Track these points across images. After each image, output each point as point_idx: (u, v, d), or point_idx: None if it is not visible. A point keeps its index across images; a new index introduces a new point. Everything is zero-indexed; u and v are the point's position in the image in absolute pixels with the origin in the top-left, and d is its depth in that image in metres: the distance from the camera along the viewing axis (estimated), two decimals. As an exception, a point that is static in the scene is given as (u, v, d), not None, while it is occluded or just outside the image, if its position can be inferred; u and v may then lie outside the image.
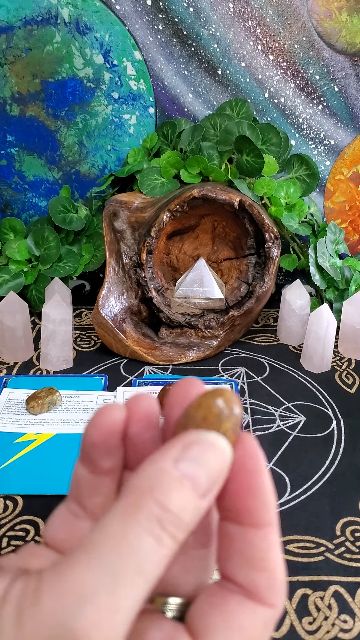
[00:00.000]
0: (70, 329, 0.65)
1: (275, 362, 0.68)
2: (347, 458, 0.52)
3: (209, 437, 0.19)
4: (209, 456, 0.19)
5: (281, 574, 0.20)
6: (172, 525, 0.17)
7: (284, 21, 0.75)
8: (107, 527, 0.17)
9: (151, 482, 0.18)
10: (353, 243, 0.89)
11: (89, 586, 0.16)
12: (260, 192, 0.71)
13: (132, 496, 0.18)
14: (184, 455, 0.18)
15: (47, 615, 0.15)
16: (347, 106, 0.80)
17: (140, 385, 0.62)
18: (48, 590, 0.16)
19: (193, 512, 0.18)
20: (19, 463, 0.50)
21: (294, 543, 0.43)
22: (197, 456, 0.18)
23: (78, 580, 0.16)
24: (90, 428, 0.21)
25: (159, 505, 0.17)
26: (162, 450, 0.19)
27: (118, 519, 0.17)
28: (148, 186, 0.71)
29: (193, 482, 0.18)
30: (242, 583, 0.20)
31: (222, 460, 0.19)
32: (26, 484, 0.48)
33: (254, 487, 0.20)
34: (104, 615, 0.15)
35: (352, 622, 0.37)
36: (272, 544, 0.20)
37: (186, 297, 0.69)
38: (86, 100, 0.78)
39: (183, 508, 0.18)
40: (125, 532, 0.17)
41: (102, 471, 0.22)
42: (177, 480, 0.18)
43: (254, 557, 0.20)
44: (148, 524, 0.17)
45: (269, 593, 0.20)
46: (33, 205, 0.84)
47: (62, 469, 0.49)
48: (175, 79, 0.78)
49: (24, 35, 0.75)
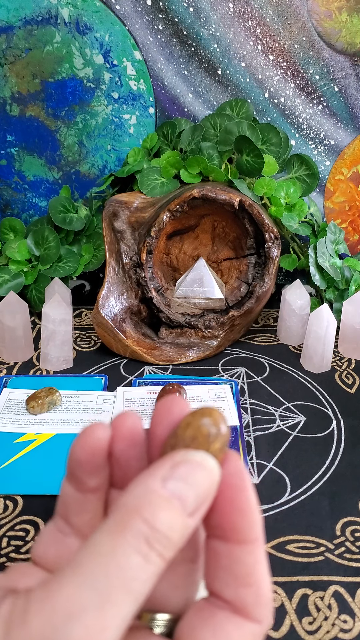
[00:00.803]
0: (70, 329, 0.65)
1: (275, 362, 0.68)
2: (347, 458, 0.52)
3: (197, 457, 0.19)
4: (197, 475, 0.19)
5: (267, 590, 0.20)
6: (160, 544, 0.17)
7: (284, 21, 0.75)
8: (94, 545, 0.17)
9: (139, 501, 0.18)
10: (353, 243, 0.89)
11: (77, 605, 0.16)
12: (260, 192, 0.71)
13: (120, 515, 0.18)
14: (173, 475, 0.19)
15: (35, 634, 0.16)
16: (347, 106, 0.80)
17: (140, 385, 0.62)
18: (36, 610, 0.16)
19: (181, 531, 0.18)
20: (19, 463, 0.50)
21: (294, 543, 0.43)
22: (186, 475, 0.19)
23: (66, 599, 0.16)
24: (75, 447, 0.21)
25: (146, 524, 0.17)
26: (151, 469, 0.19)
27: (106, 537, 0.17)
28: (148, 186, 0.71)
29: (181, 501, 0.18)
30: (229, 599, 0.20)
31: (210, 479, 0.19)
32: (26, 484, 0.48)
33: (239, 504, 0.20)
34: (91, 634, 0.16)
35: (352, 622, 0.37)
36: (258, 560, 0.20)
37: (186, 297, 0.69)
38: (86, 100, 0.78)
39: (170, 527, 0.18)
40: (113, 551, 0.17)
41: (88, 489, 0.22)
42: (165, 500, 0.18)
43: (241, 573, 0.20)
44: (136, 543, 0.17)
45: (255, 609, 0.20)
46: (33, 205, 0.84)
47: (62, 469, 0.49)
48: (175, 79, 0.78)
49: (24, 35, 0.75)
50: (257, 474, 0.50)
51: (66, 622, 0.16)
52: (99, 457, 0.21)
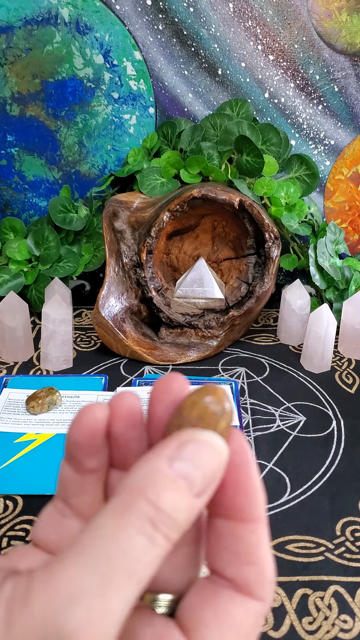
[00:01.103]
0: (70, 329, 0.65)
1: (275, 362, 0.68)
2: (347, 458, 0.52)
3: (204, 436, 0.19)
4: (205, 455, 0.18)
5: (270, 568, 0.20)
6: (165, 526, 0.17)
7: (284, 21, 0.75)
8: (98, 527, 0.17)
9: (144, 482, 0.18)
10: (353, 243, 0.89)
11: (79, 587, 0.16)
12: (260, 192, 0.71)
13: (124, 496, 0.18)
14: (179, 454, 0.18)
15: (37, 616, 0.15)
16: (347, 106, 0.80)
17: (140, 385, 0.62)
18: (38, 591, 0.16)
19: (187, 512, 0.18)
20: (19, 463, 0.50)
21: (294, 543, 0.43)
22: (193, 455, 0.18)
23: (68, 581, 0.16)
24: (72, 428, 0.21)
25: (151, 506, 0.17)
26: (157, 449, 0.19)
27: (109, 519, 0.17)
28: (148, 186, 0.71)
29: (188, 482, 0.18)
30: (232, 578, 0.20)
31: (218, 459, 0.19)
32: (26, 484, 0.48)
33: (243, 483, 0.20)
34: (93, 616, 0.16)
35: (352, 622, 0.37)
36: (261, 539, 0.20)
37: (186, 297, 0.69)
38: (86, 100, 0.78)
39: (176, 508, 0.17)
40: (117, 532, 0.17)
41: (87, 470, 0.22)
42: (171, 480, 0.18)
43: (243, 552, 0.20)
44: (140, 524, 0.17)
45: (258, 587, 0.20)
46: (33, 205, 0.84)
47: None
48: (175, 79, 0.78)
49: (24, 35, 0.75)
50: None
51: (68, 605, 0.16)
52: (97, 437, 0.21)
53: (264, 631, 0.37)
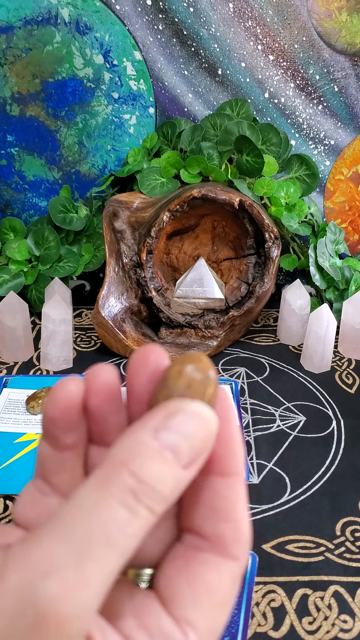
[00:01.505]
0: (70, 329, 0.65)
1: (275, 362, 0.68)
2: (347, 458, 0.52)
3: (193, 406, 0.18)
4: (193, 426, 0.18)
5: (246, 527, 0.20)
6: (148, 498, 0.17)
7: (284, 21, 0.75)
8: (77, 499, 0.17)
9: (127, 454, 0.17)
10: (353, 243, 0.89)
11: (55, 560, 0.16)
12: (260, 192, 0.71)
13: (105, 468, 0.17)
14: (166, 425, 0.18)
15: (13, 590, 0.15)
16: (347, 106, 0.80)
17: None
18: (14, 565, 0.16)
19: (173, 484, 0.18)
20: (19, 463, 0.50)
21: (294, 543, 0.43)
22: (181, 426, 0.18)
23: (43, 554, 0.16)
24: (48, 404, 0.20)
25: (133, 477, 0.17)
26: (142, 420, 0.18)
27: (90, 491, 0.17)
28: (148, 186, 0.71)
29: (175, 453, 0.18)
30: (208, 534, 0.20)
31: (207, 429, 0.19)
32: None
33: (223, 435, 0.20)
34: (70, 589, 0.15)
35: (352, 622, 0.37)
36: (239, 495, 0.20)
37: (186, 297, 0.69)
38: (86, 100, 0.78)
39: (160, 479, 0.17)
40: (97, 504, 0.16)
41: (65, 447, 0.21)
42: (156, 451, 0.17)
43: (221, 508, 0.20)
44: (121, 495, 0.16)
45: (234, 545, 0.19)
46: (33, 205, 0.84)
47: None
48: (175, 79, 0.78)
49: (24, 35, 0.75)
50: (257, 474, 0.50)
51: (43, 578, 0.15)
52: (73, 413, 0.20)
53: (263, 631, 0.37)
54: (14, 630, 0.15)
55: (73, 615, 0.15)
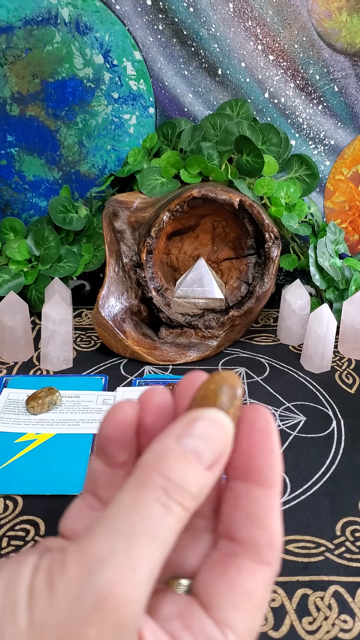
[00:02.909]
0: (70, 329, 0.65)
1: (275, 362, 0.68)
2: (347, 458, 0.52)
3: (208, 413, 0.21)
4: (210, 431, 0.20)
5: (279, 535, 0.22)
6: (178, 495, 0.19)
7: (284, 21, 0.75)
8: (119, 501, 0.19)
9: (156, 459, 0.20)
10: (353, 243, 0.89)
11: (107, 551, 0.18)
12: (260, 192, 0.71)
13: (140, 472, 0.20)
14: (187, 432, 0.20)
15: (74, 579, 0.18)
16: (347, 106, 0.80)
17: (140, 385, 0.62)
18: (72, 559, 0.18)
19: (199, 483, 0.20)
20: (19, 463, 0.50)
21: (294, 543, 0.43)
22: (199, 432, 0.20)
23: (96, 548, 0.18)
24: (105, 424, 0.23)
25: (163, 477, 0.19)
26: (167, 429, 0.21)
27: (128, 493, 0.19)
28: (148, 186, 0.71)
29: (197, 456, 0.20)
30: (244, 539, 0.21)
31: (224, 433, 0.21)
32: (26, 484, 0.48)
33: (263, 447, 0.22)
34: (123, 573, 0.17)
35: (352, 622, 0.37)
36: (274, 505, 0.22)
37: (186, 297, 0.69)
38: (86, 100, 0.78)
39: (186, 478, 0.19)
40: (135, 503, 0.19)
41: (118, 464, 0.23)
42: (180, 454, 0.20)
43: (257, 515, 0.21)
44: (154, 494, 0.19)
45: (267, 551, 0.21)
46: (33, 205, 0.84)
47: (62, 469, 0.49)
48: (175, 79, 0.78)
49: (24, 35, 0.75)
50: (257, 474, 0.50)
51: (98, 566, 0.17)
52: (128, 432, 0.23)
53: (263, 631, 0.37)
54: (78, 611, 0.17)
55: (128, 597, 0.17)
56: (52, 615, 0.17)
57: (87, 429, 0.55)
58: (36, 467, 0.50)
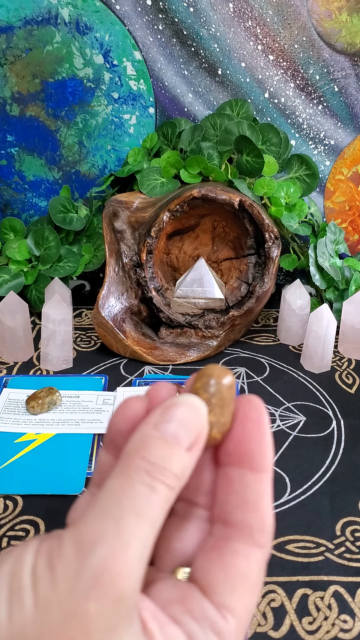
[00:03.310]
0: (70, 329, 0.65)
1: (275, 362, 0.68)
2: (347, 458, 0.52)
3: (181, 398, 0.22)
4: (185, 414, 0.22)
5: (270, 517, 0.23)
6: (161, 474, 0.20)
7: (284, 21, 0.75)
8: (107, 487, 0.20)
9: (137, 445, 0.21)
10: (353, 243, 0.89)
11: (100, 532, 0.19)
12: (260, 192, 0.71)
13: (123, 459, 0.21)
14: (164, 419, 0.22)
15: (71, 560, 0.19)
16: (347, 106, 0.80)
17: (140, 385, 0.62)
18: (68, 543, 0.19)
19: (181, 463, 0.21)
20: (19, 463, 0.50)
21: (294, 543, 0.43)
22: (175, 416, 0.22)
23: (89, 530, 0.19)
24: (116, 417, 0.24)
25: (144, 460, 0.20)
26: (146, 419, 0.22)
27: (115, 479, 0.20)
28: (148, 186, 0.71)
29: (175, 438, 0.21)
30: (237, 523, 0.23)
31: (198, 414, 0.22)
32: (26, 484, 0.48)
33: (256, 434, 0.23)
34: (115, 551, 0.19)
35: (352, 622, 0.37)
36: (266, 489, 0.23)
37: (186, 297, 0.69)
38: (86, 100, 0.78)
39: (167, 459, 0.21)
40: (122, 487, 0.20)
41: None
42: (159, 438, 0.21)
43: (249, 499, 0.23)
44: (138, 476, 0.20)
45: (259, 533, 0.22)
46: (33, 205, 0.84)
47: (62, 469, 0.49)
48: (175, 79, 0.78)
49: (24, 35, 0.75)
50: (257, 474, 0.50)
51: (93, 547, 0.19)
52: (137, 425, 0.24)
53: (263, 631, 0.37)
54: (78, 589, 0.18)
55: (122, 572, 0.18)
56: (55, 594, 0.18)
57: (87, 429, 0.55)
58: (36, 467, 0.50)
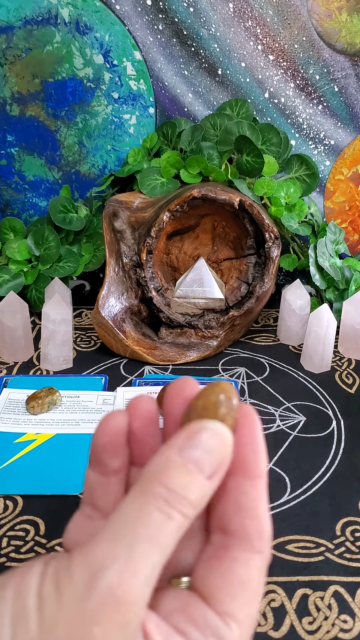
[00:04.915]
0: (70, 329, 0.65)
1: (275, 362, 0.68)
2: (347, 458, 0.52)
3: (209, 425, 0.22)
4: (211, 442, 0.21)
5: (267, 523, 0.23)
6: (179, 503, 0.20)
7: (284, 21, 0.75)
8: (122, 510, 0.20)
9: (158, 469, 0.21)
10: (353, 243, 0.89)
11: (110, 556, 0.19)
12: (260, 192, 0.71)
13: (142, 483, 0.21)
14: (189, 444, 0.21)
15: (78, 583, 0.19)
16: (347, 106, 0.80)
17: (140, 385, 0.62)
18: (77, 565, 0.19)
19: (199, 492, 0.21)
20: (19, 463, 0.50)
21: (294, 543, 0.43)
22: (201, 443, 0.21)
23: (100, 554, 0.19)
24: (98, 433, 0.24)
25: (164, 487, 0.20)
26: (170, 441, 0.22)
27: (131, 502, 0.20)
28: (148, 186, 0.71)
29: (197, 466, 0.21)
30: (235, 530, 0.23)
31: (224, 444, 0.22)
32: (26, 484, 0.48)
33: (251, 443, 0.23)
34: (124, 577, 0.19)
35: (352, 622, 0.37)
36: (261, 495, 0.23)
37: (186, 297, 0.69)
38: (86, 100, 0.78)
39: (187, 488, 0.20)
40: (138, 511, 0.20)
41: (112, 472, 0.25)
42: (181, 465, 0.21)
43: (246, 506, 0.23)
44: (156, 503, 0.20)
45: (257, 540, 0.22)
46: (33, 205, 0.84)
47: (62, 469, 0.49)
48: (175, 79, 0.78)
49: (24, 35, 0.75)
50: (257, 474, 0.50)
51: (102, 570, 0.19)
52: (120, 439, 0.24)
53: (263, 631, 0.37)
54: (85, 612, 0.18)
55: (129, 599, 0.19)
56: (61, 616, 0.18)
57: (87, 429, 0.55)
58: (36, 467, 0.50)
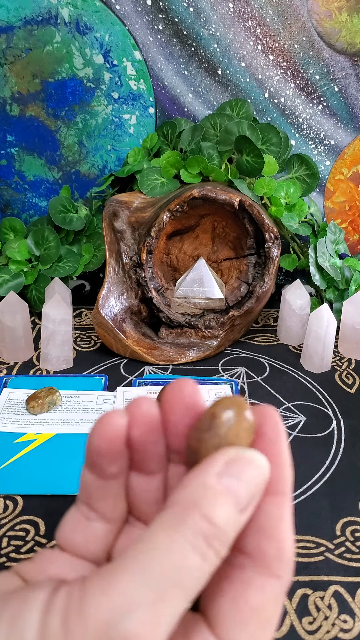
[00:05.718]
0: (70, 329, 0.65)
1: (275, 362, 0.68)
2: (347, 458, 0.52)
3: (248, 454, 0.19)
4: (249, 472, 0.19)
5: (289, 546, 0.20)
6: (218, 541, 0.18)
7: (284, 21, 0.75)
8: (151, 539, 0.17)
9: (197, 496, 0.18)
10: (353, 243, 0.89)
11: (132, 599, 0.16)
12: (260, 192, 0.71)
13: (177, 509, 0.18)
14: (227, 471, 0.19)
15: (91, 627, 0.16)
16: (347, 106, 0.80)
17: (140, 385, 0.62)
18: (91, 602, 0.16)
19: (234, 526, 0.18)
20: (19, 463, 0.50)
21: (294, 543, 0.43)
22: (239, 472, 0.19)
23: (122, 594, 0.16)
24: (94, 436, 0.21)
25: (205, 520, 0.17)
26: (204, 466, 0.19)
27: (163, 532, 0.17)
28: (148, 186, 0.71)
29: (234, 497, 0.18)
30: (251, 551, 0.20)
31: (261, 476, 0.19)
32: (26, 484, 0.48)
33: (274, 455, 0.20)
34: (145, 628, 0.16)
35: (352, 622, 0.37)
36: (284, 514, 0.20)
37: (186, 297, 0.69)
38: (86, 100, 0.78)
39: (227, 522, 0.18)
40: (171, 547, 0.17)
41: (109, 476, 0.22)
42: (222, 494, 0.18)
43: (264, 525, 0.20)
44: (194, 540, 0.17)
45: (275, 562, 0.20)
46: (33, 205, 0.84)
47: (62, 469, 0.49)
48: (175, 79, 0.78)
49: (24, 35, 0.75)
50: (257, 474, 0.50)
51: (121, 616, 0.16)
52: (117, 444, 0.21)
53: (264, 631, 0.37)
54: None
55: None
56: None
57: (87, 429, 0.55)
58: (36, 467, 0.50)
